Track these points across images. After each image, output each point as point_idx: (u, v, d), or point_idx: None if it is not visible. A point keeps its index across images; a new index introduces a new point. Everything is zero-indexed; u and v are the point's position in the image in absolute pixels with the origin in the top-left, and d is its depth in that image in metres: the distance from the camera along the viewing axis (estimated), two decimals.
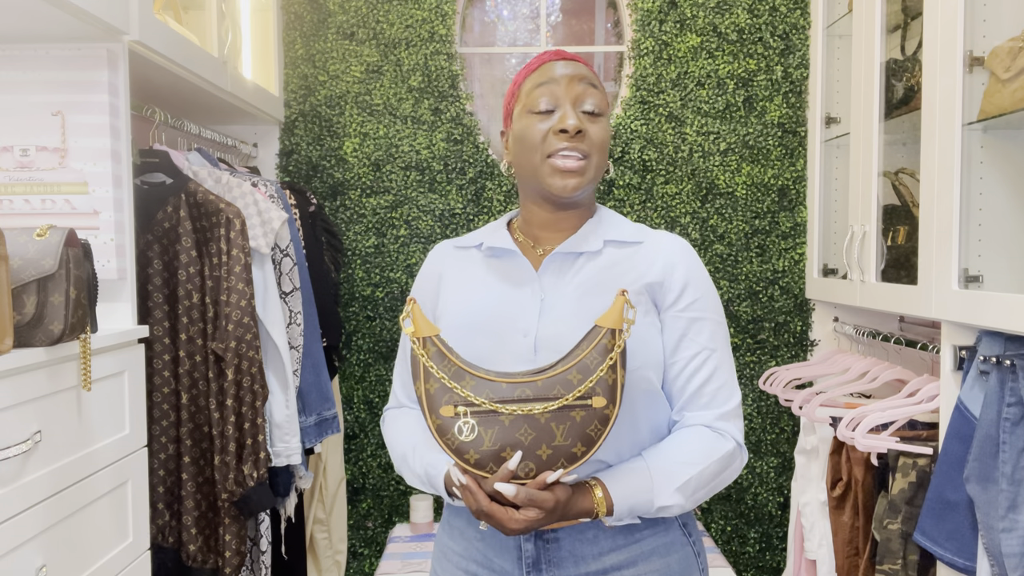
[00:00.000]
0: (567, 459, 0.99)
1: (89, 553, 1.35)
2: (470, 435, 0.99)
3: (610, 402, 0.99)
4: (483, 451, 0.99)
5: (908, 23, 2.03)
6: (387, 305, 2.60)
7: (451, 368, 1.01)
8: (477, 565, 1.15)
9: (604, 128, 1.14)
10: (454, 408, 0.99)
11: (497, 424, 0.98)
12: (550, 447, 0.98)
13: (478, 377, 1.00)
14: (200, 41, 1.94)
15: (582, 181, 1.12)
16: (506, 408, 0.98)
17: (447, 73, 2.55)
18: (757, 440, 2.61)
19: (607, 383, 0.99)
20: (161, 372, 1.74)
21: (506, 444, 0.98)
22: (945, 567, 1.58)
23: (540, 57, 1.18)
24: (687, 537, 1.17)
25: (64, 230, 1.24)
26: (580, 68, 1.15)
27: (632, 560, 1.12)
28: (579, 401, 0.98)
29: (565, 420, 0.98)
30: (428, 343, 1.02)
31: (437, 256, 1.27)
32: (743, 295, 2.58)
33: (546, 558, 1.11)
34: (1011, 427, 1.43)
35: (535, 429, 0.98)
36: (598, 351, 0.99)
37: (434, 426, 1.00)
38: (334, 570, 2.56)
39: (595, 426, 0.99)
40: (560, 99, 1.12)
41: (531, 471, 0.99)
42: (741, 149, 2.56)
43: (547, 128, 1.12)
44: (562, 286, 1.15)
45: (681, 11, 2.53)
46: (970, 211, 1.60)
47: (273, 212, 1.87)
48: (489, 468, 0.99)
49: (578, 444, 0.98)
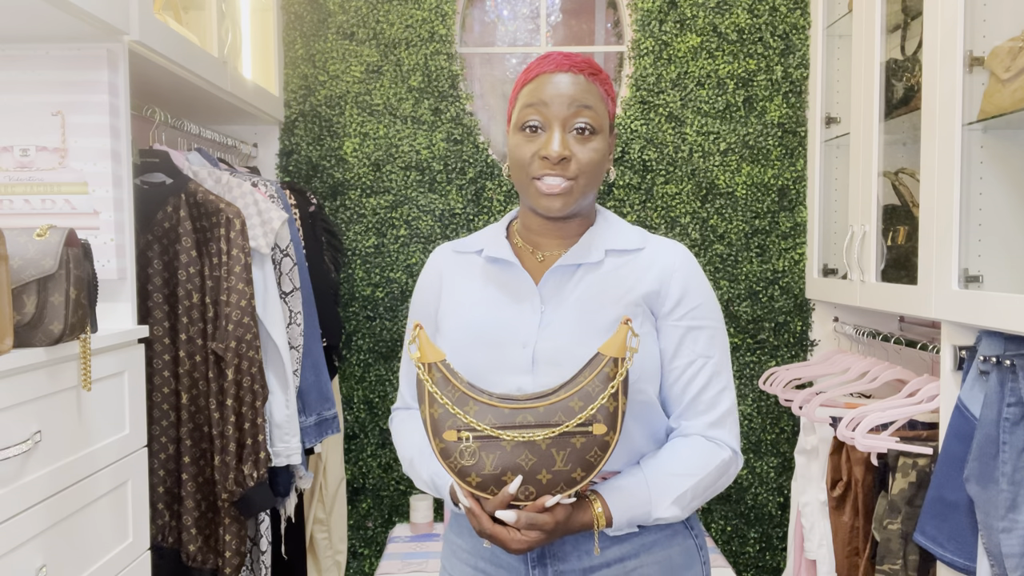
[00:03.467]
0: (566, 483, 1.01)
1: (89, 553, 1.35)
2: (472, 459, 1.01)
3: (610, 429, 1.00)
4: (485, 474, 1.01)
5: (908, 23, 2.03)
6: (387, 305, 2.60)
7: (455, 393, 1.03)
8: (485, 562, 1.17)
9: (596, 147, 1.11)
10: (457, 433, 1.01)
11: (499, 449, 1.00)
12: (550, 472, 1.00)
13: (481, 402, 1.02)
14: (200, 41, 1.94)
15: (568, 201, 1.11)
16: (507, 434, 1.00)
17: (447, 73, 2.55)
18: (757, 440, 2.61)
19: (608, 410, 1.00)
20: (161, 372, 1.74)
21: (507, 468, 1.00)
22: (945, 567, 1.58)
23: (539, 64, 1.14)
24: (689, 530, 1.19)
25: (64, 230, 1.24)
26: (575, 86, 1.10)
27: (635, 552, 1.13)
28: (580, 428, 1.00)
29: (565, 446, 1.00)
30: (433, 369, 1.04)
31: (437, 261, 1.26)
32: (743, 295, 2.58)
33: (551, 552, 1.13)
34: (1011, 427, 1.43)
35: (536, 455, 1.00)
36: (600, 379, 1.01)
37: (438, 449, 1.02)
38: (334, 570, 2.56)
39: (595, 452, 1.01)
40: (549, 120, 1.10)
41: (531, 494, 1.01)
42: (741, 149, 2.56)
43: (533, 151, 1.10)
44: (561, 299, 1.15)
45: (681, 11, 2.53)
46: (970, 211, 1.60)
47: (273, 212, 1.87)
48: (490, 490, 1.01)
49: (578, 469, 1.00)
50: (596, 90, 1.12)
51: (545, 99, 1.10)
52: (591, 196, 1.16)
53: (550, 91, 1.10)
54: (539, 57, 1.15)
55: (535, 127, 1.10)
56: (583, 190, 1.12)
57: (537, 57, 1.16)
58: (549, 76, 1.11)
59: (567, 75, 1.11)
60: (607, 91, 1.14)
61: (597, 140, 1.11)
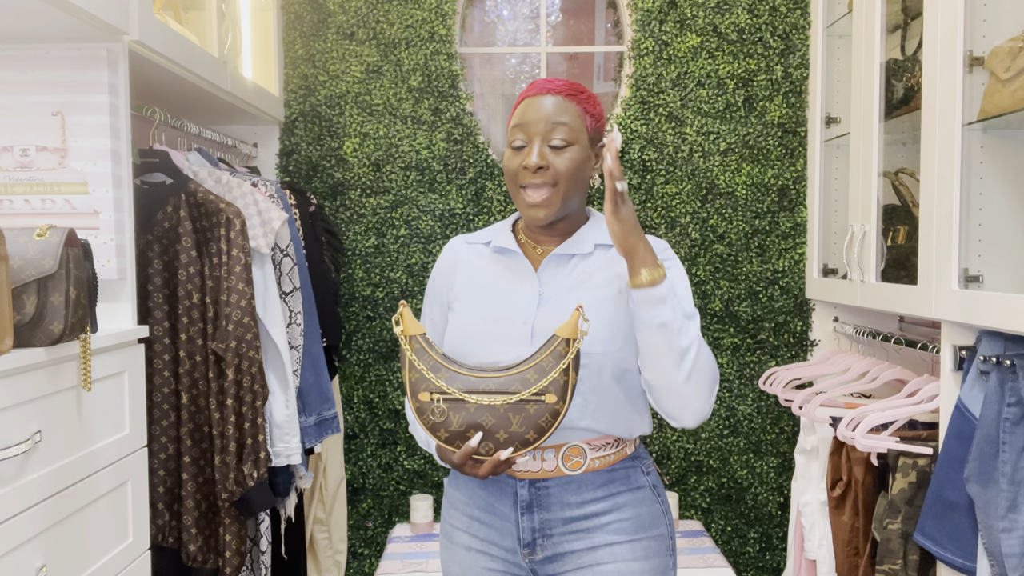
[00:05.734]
0: (521, 443, 1.19)
1: (89, 553, 1.35)
2: (441, 417, 1.20)
3: (560, 399, 1.18)
4: (452, 431, 1.20)
5: (908, 23, 2.03)
6: (387, 305, 2.60)
7: (430, 362, 1.22)
8: (480, 510, 1.34)
9: (571, 157, 1.27)
10: (430, 394, 1.20)
11: (464, 410, 1.19)
12: (507, 432, 1.18)
13: (451, 371, 1.21)
14: (200, 41, 1.94)
15: (550, 212, 1.27)
16: (472, 398, 1.19)
17: (447, 73, 2.55)
18: (757, 440, 2.61)
19: (559, 383, 1.18)
20: (161, 372, 1.74)
21: (470, 426, 1.19)
22: (945, 567, 1.58)
23: (527, 90, 1.32)
24: (656, 496, 1.35)
25: (64, 230, 1.24)
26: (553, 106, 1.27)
27: (608, 509, 1.30)
28: (534, 397, 1.18)
29: (521, 411, 1.18)
30: (413, 340, 1.23)
31: (451, 251, 1.43)
32: (743, 295, 2.58)
33: (537, 502, 1.30)
34: (1011, 427, 1.43)
35: (495, 417, 1.18)
36: (554, 356, 1.19)
37: (414, 407, 1.21)
38: (334, 570, 2.56)
39: (546, 418, 1.18)
40: (531, 136, 1.28)
41: (490, 450, 1.19)
42: (741, 149, 2.56)
43: (518, 163, 1.28)
44: (557, 283, 1.32)
45: (681, 11, 2.53)
46: (970, 211, 1.60)
47: (273, 212, 1.87)
48: (456, 444, 1.20)
49: (531, 432, 1.19)
50: (573, 108, 1.29)
51: (527, 120, 1.28)
52: (575, 201, 1.31)
53: (531, 113, 1.28)
54: (528, 84, 1.35)
55: (520, 146, 1.29)
56: (563, 196, 1.28)
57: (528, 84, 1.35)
58: (532, 99, 1.30)
59: (547, 97, 1.29)
60: (586, 109, 1.30)
61: (572, 151, 1.27)
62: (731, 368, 2.60)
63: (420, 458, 2.62)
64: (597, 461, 1.30)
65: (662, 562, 1.32)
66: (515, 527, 1.31)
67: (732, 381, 2.60)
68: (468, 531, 1.35)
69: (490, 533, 1.33)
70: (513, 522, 1.31)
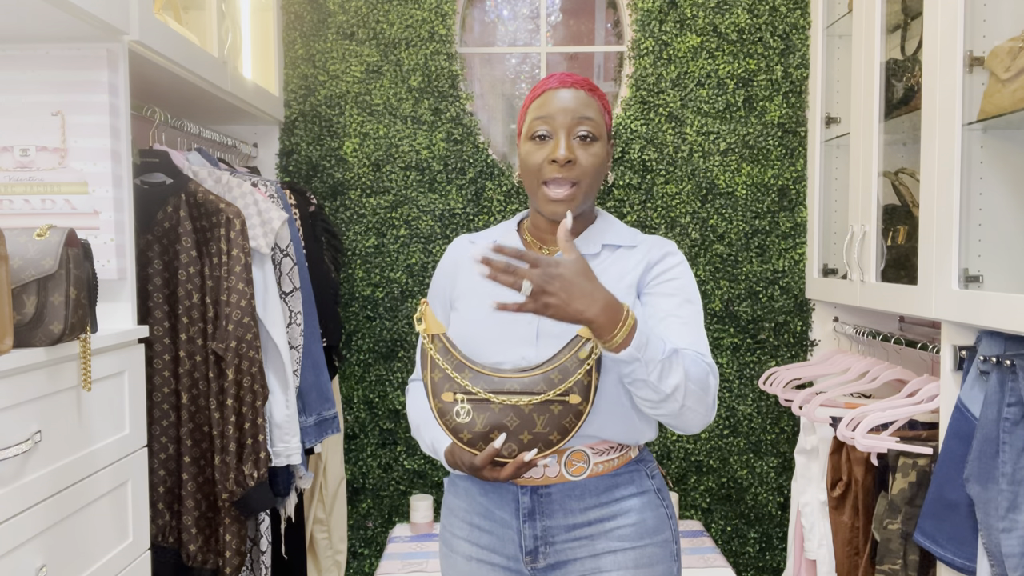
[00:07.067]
0: (544, 444, 1.17)
1: (89, 553, 1.35)
2: (466, 418, 1.17)
3: (584, 400, 1.17)
4: (475, 432, 1.17)
5: (908, 23, 2.03)
6: (387, 305, 2.60)
7: (453, 361, 1.19)
8: (481, 517, 1.32)
9: (596, 152, 1.26)
10: (453, 395, 1.18)
11: (488, 411, 1.17)
12: (531, 433, 1.16)
13: (475, 370, 1.19)
14: (200, 41, 1.94)
15: (571, 207, 1.25)
16: (497, 398, 1.17)
17: (447, 73, 2.55)
18: (757, 440, 2.61)
19: (583, 384, 1.17)
20: (161, 372, 1.74)
21: (494, 427, 1.17)
22: (945, 567, 1.58)
23: (545, 82, 1.29)
24: (660, 501, 1.32)
25: (64, 230, 1.24)
26: (577, 100, 1.25)
27: (612, 515, 1.28)
28: (558, 397, 1.16)
29: (545, 412, 1.16)
30: (436, 339, 1.21)
31: (455, 249, 1.42)
32: (743, 295, 2.58)
33: (540, 509, 1.27)
34: (1011, 427, 1.43)
35: (519, 417, 1.16)
36: (577, 357, 1.17)
37: (436, 409, 1.19)
38: (334, 570, 2.56)
39: (570, 419, 1.17)
40: (555, 129, 1.25)
41: (513, 451, 1.17)
42: (741, 149, 2.56)
43: (543, 156, 1.25)
44: None
45: (681, 11, 2.53)
46: (970, 211, 1.60)
47: (273, 212, 1.87)
48: (479, 446, 1.18)
49: (555, 433, 1.17)
50: (595, 103, 1.28)
51: (552, 111, 1.25)
52: (591, 199, 1.30)
53: (556, 104, 1.25)
54: (544, 78, 1.33)
55: (544, 136, 1.26)
56: (585, 194, 1.26)
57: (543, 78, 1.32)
58: (554, 92, 1.27)
59: (570, 90, 1.27)
60: (604, 105, 1.30)
61: (597, 146, 1.27)
62: (731, 368, 2.60)
63: (420, 458, 2.62)
64: (600, 466, 1.27)
65: (666, 568, 1.29)
66: (517, 535, 1.28)
67: (732, 381, 2.60)
68: (469, 539, 1.33)
69: (491, 541, 1.31)
70: (515, 529, 1.28)
